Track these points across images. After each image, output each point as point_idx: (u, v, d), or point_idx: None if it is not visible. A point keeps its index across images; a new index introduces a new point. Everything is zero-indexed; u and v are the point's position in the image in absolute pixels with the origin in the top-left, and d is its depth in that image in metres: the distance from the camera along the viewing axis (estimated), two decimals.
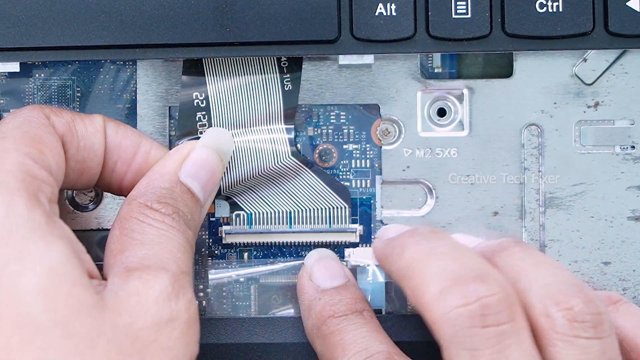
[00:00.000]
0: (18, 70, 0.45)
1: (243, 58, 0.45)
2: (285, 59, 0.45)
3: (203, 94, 0.45)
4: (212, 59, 0.45)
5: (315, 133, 0.47)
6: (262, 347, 0.45)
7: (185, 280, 0.38)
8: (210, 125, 0.45)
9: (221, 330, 0.45)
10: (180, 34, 0.43)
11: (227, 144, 0.44)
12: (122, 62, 0.46)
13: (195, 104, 0.45)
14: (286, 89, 0.45)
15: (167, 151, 0.43)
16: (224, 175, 0.44)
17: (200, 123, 0.45)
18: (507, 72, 0.46)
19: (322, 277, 0.44)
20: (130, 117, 0.46)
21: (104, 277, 0.39)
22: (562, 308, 0.38)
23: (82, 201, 0.47)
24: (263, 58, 0.45)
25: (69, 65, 0.46)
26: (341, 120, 0.47)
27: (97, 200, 0.46)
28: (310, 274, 0.45)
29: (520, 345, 0.37)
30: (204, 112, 0.45)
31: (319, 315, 0.43)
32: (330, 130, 0.47)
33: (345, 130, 0.47)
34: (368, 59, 0.45)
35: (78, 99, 0.46)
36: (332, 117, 0.47)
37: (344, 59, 0.45)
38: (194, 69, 0.45)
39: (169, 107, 0.46)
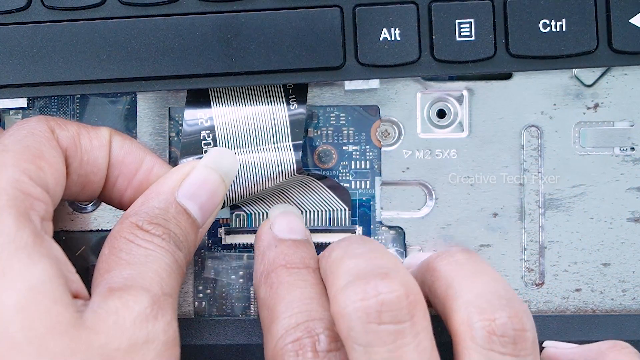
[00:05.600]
0: (25, 105, 0.45)
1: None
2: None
3: (207, 114, 0.45)
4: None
5: (315, 134, 0.47)
6: (262, 349, 0.45)
7: (166, 302, 0.38)
8: (215, 143, 0.45)
9: (220, 332, 0.45)
10: (187, 65, 0.43)
11: (230, 165, 0.43)
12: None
13: (199, 123, 0.45)
14: (292, 107, 0.45)
15: (169, 169, 0.43)
16: (229, 190, 0.44)
17: (205, 142, 0.45)
18: (506, 73, 0.46)
19: (283, 229, 0.43)
20: (129, 118, 0.46)
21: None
22: (484, 318, 0.37)
23: (81, 202, 0.46)
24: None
25: None
26: (341, 122, 0.47)
27: (96, 202, 0.46)
28: (271, 224, 0.44)
29: (417, 346, 0.36)
30: (208, 131, 0.45)
31: (271, 262, 0.42)
32: (330, 132, 0.47)
33: (345, 132, 0.47)
34: (374, 83, 0.45)
35: (78, 101, 0.46)
36: (331, 118, 0.47)
37: (349, 85, 0.45)
38: (199, 93, 0.45)
39: (169, 108, 0.46)
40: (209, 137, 0.45)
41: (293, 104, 0.45)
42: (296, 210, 0.45)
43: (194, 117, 0.45)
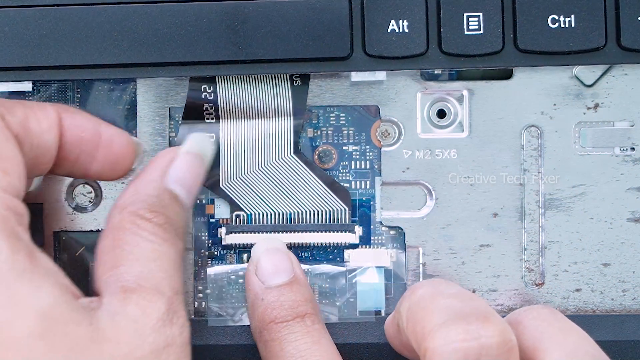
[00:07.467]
0: (31, 89, 0.45)
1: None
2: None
3: (211, 87, 0.45)
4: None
5: (315, 134, 0.47)
6: None
7: (178, 302, 0.38)
8: (217, 117, 0.45)
9: (220, 332, 0.45)
10: (193, 52, 0.43)
11: (208, 150, 0.44)
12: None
13: (203, 97, 0.45)
14: (295, 84, 0.45)
15: (127, 136, 0.43)
16: (225, 167, 0.45)
17: (208, 112, 0.45)
18: (506, 73, 0.46)
19: (267, 272, 0.43)
20: (129, 118, 0.46)
21: (96, 290, 0.39)
22: None
23: (81, 202, 0.46)
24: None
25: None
26: (341, 122, 0.47)
27: (96, 202, 0.46)
28: (256, 267, 0.43)
29: None
30: (211, 104, 0.45)
31: (260, 319, 0.42)
32: (330, 132, 0.47)
33: (345, 132, 0.47)
34: (380, 75, 0.45)
35: (78, 100, 0.46)
36: (331, 118, 0.47)
37: (356, 76, 0.45)
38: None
39: (169, 107, 0.46)
40: (211, 108, 0.45)
41: (297, 80, 0.45)
42: (279, 243, 0.45)
43: (198, 88, 0.45)
